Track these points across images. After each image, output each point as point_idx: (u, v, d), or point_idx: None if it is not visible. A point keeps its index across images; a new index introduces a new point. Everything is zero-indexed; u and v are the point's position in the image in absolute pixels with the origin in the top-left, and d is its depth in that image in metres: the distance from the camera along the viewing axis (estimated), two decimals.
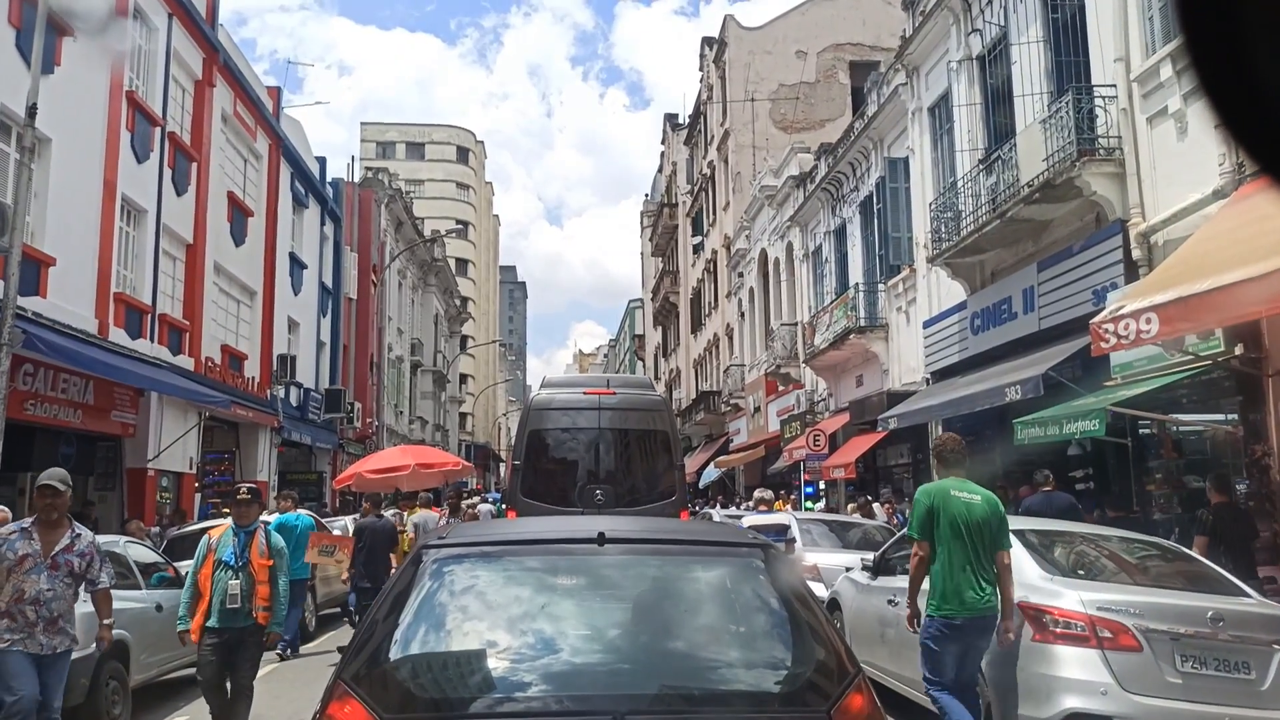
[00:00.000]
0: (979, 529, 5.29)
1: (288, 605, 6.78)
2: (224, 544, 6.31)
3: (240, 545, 6.32)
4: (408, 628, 2.91)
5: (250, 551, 6.29)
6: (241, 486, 6.69)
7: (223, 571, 6.19)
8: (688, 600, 3.16)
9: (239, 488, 6.76)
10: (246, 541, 6.34)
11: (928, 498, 5.50)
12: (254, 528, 6.45)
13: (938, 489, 5.52)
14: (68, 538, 5.56)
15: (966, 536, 5.27)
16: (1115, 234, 11.03)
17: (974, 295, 14.81)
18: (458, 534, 3.54)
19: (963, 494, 5.44)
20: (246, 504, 6.50)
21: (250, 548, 6.31)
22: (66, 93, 13.31)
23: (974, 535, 5.27)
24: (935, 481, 5.72)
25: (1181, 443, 10.42)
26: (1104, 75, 11.29)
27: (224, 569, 6.20)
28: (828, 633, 2.97)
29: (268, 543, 6.42)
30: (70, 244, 13.53)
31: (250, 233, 21.25)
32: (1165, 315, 7.51)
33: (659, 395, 11.05)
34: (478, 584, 3.16)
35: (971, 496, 5.44)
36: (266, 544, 6.40)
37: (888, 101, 18.60)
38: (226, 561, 6.22)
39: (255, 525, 6.48)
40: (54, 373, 13.10)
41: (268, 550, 6.38)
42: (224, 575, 6.17)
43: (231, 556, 6.25)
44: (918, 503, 5.61)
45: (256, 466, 21.36)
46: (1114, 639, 4.83)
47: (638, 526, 3.76)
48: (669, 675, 2.83)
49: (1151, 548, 6.67)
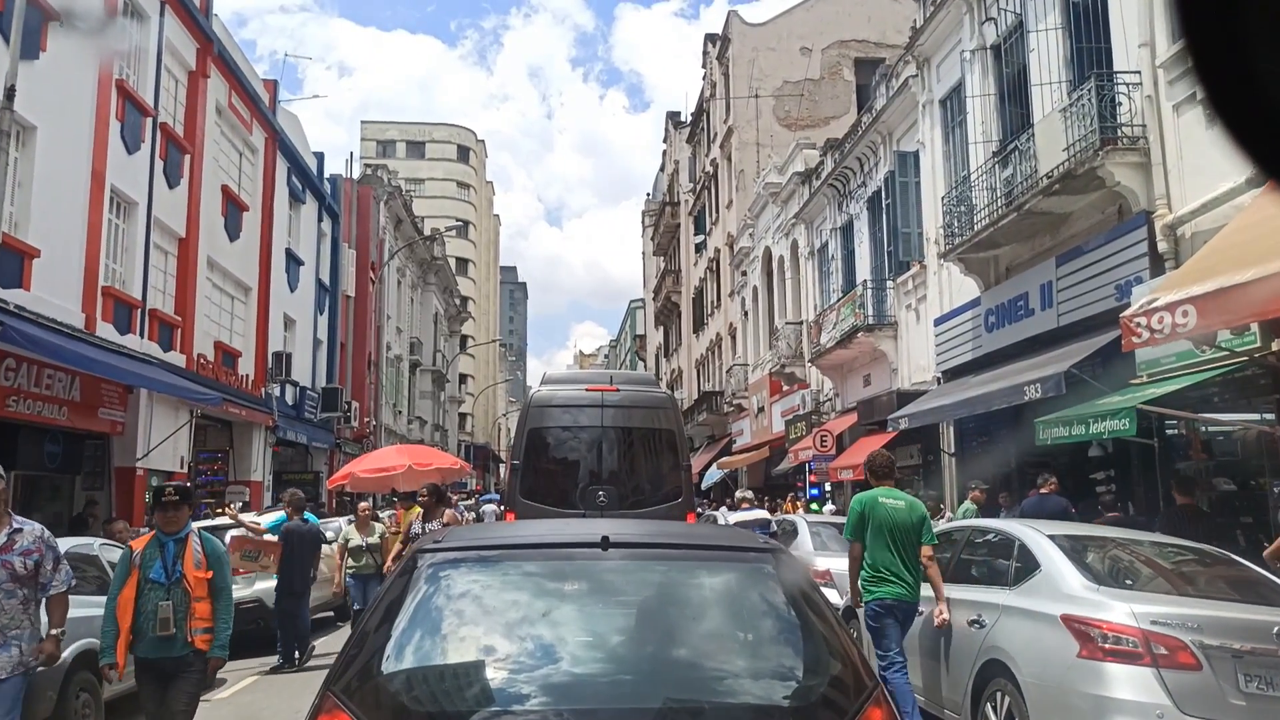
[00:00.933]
0: (903, 530, 6.22)
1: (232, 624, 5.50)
2: (149, 558, 5.21)
3: (170, 557, 5.18)
4: (401, 637, 2.72)
5: (183, 563, 5.18)
6: (168, 486, 5.47)
7: (151, 591, 5.11)
8: (695, 608, 2.95)
9: (165, 487, 5.45)
10: (177, 552, 5.21)
11: (860, 505, 6.43)
12: (184, 534, 5.29)
13: (869, 497, 6.43)
14: (4, 535, 4.79)
15: (891, 536, 6.21)
16: (1140, 226, 10.60)
17: (988, 292, 14.38)
18: (454, 538, 3.33)
19: (889, 500, 6.36)
20: (174, 506, 5.28)
21: (183, 559, 5.19)
22: (52, 80, 12.91)
23: (898, 535, 6.21)
24: (868, 491, 6.57)
25: (1211, 443, 9.98)
26: (1127, 61, 10.86)
27: (152, 588, 5.11)
28: (843, 643, 2.77)
29: (204, 550, 5.29)
30: (56, 235, 13.11)
31: (245, 227, 20.83)
32: (1203, 307, 7.06)
33: (664, 392, 10.62)
34: (475, 591, 2.97)
35: (896, 503, 6.37)
36: (203, 552, 5.28)
37: (897, 94, 18.17)
38: (154, 579, 5.13)
39: (186, 531, 5.30)
40: (38, 368, 12.67)
41: (204, 560, 5.26)
42: (152, 596, 5.09)
43: (160, 572, 5.14)
44: (852, 509, 6.51)
45: (251, 466, 20.95)
46: (1170, 656, 4.40)
47: (643, 530, 3.55)
48: (675, 687, 2.65)
49: (1188, 552, 6.23)
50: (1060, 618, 4.81)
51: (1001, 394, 11.88)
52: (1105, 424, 8.75)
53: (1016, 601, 5.31)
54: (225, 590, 5.32)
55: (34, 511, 14.04)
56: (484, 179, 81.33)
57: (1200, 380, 8.92)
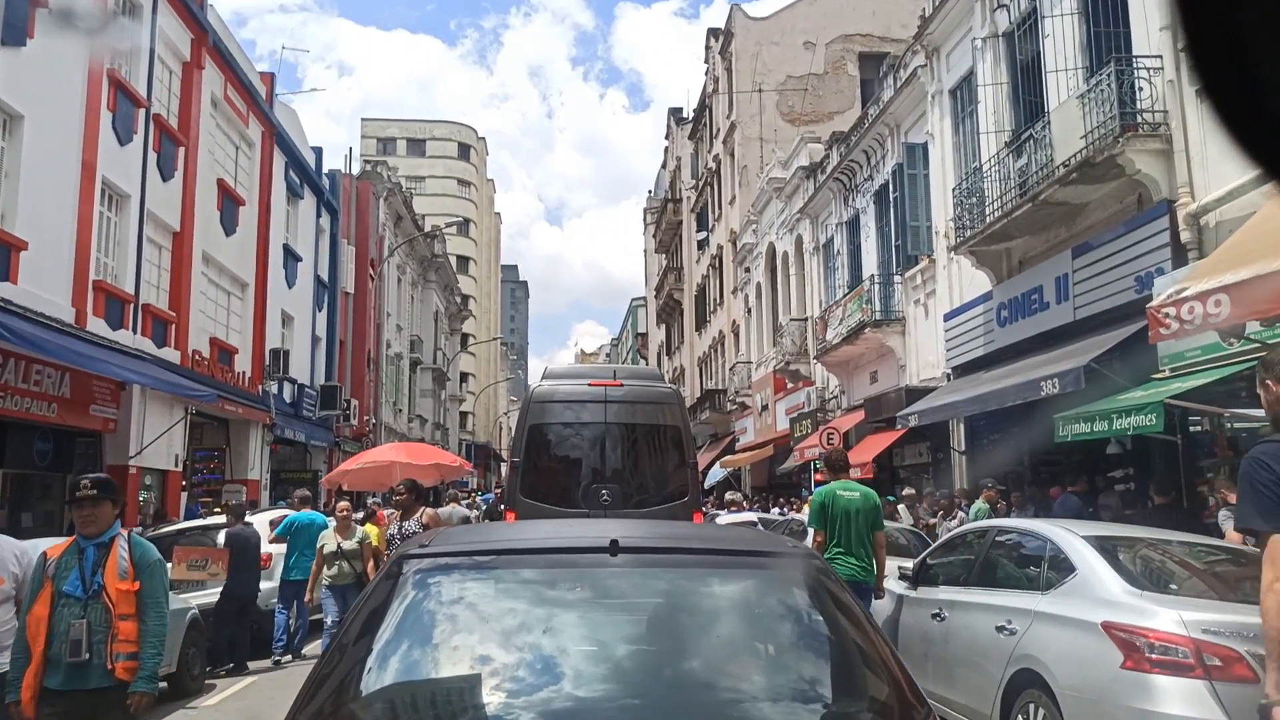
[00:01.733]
0: (858, 517, 6.98)
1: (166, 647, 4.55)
2: (64, 567, 4.19)
3: (89, 566, 4.18)
4: (381, 655, 2.36)
5: (104, 573, 4.18)
6: (84, 478, 4.35)
7: (65, 608, 4.10)
8: (714, 622, 2.59)
9: (80, 479, 4.34)
10: (98, 559, 4.21)
11: (821, 497, 7.19)
12: (108, 538, 4.27)
13: (828, 490, 7.20)
14: None
15: (848, 523, 6.95)
16: (1161, 215, 10.25)
17: (1000, 285, 14.04)
18: (445, 541, 2.91)
19: (846, 493, 7.11)
20: (91, 502, 4.23)
21: (104, 568, 4.19)
22: (40, 68, 12.58)
23: (854, 522, 6.96)
24: (826, 485, 7.35)
25: (1237, 440, 9.62)
26: (1148, 45, 10.51)
27: (66, 604, 4.12)
28: (885, 659, 2.41)
29: (131, 557, 4.27)
30: (45, 227, 12.77)
31: (242, 222, 20.48)
32: (1238, 296, 6.70)
33: (670, 387, 10.25)
34: (467, 602, 2.60)
35: (852, 494, 7.11)
36: (129, 559, 4.26)
37: (905, 85, 17.81)
38: (68, 593, 4.13)
39: (111, 534, 4.29)
40: (26, 363, 12.34)
41: (131, 568, 4.25)
42: (66, 613, 4.10)
43: (76, 584, 4.14)
44: (813, 501, 7.35)
45: (248, 464, 20.62)
46: (1224, 668, 4.06)
47: (655, 533, 3.15)
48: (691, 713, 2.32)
49: (1221, 552, 5.89)
50: (1101, 625, 4.47)
51: (1016, 389, 11.54)
52: (1130, 419, 8.40)
53: (1050, 607, 4.97)
54: (158, 606, 4.29)
55: (24, 511, 13.78)
56: (485, 177, 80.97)
57: (1229, 374, 8.58)
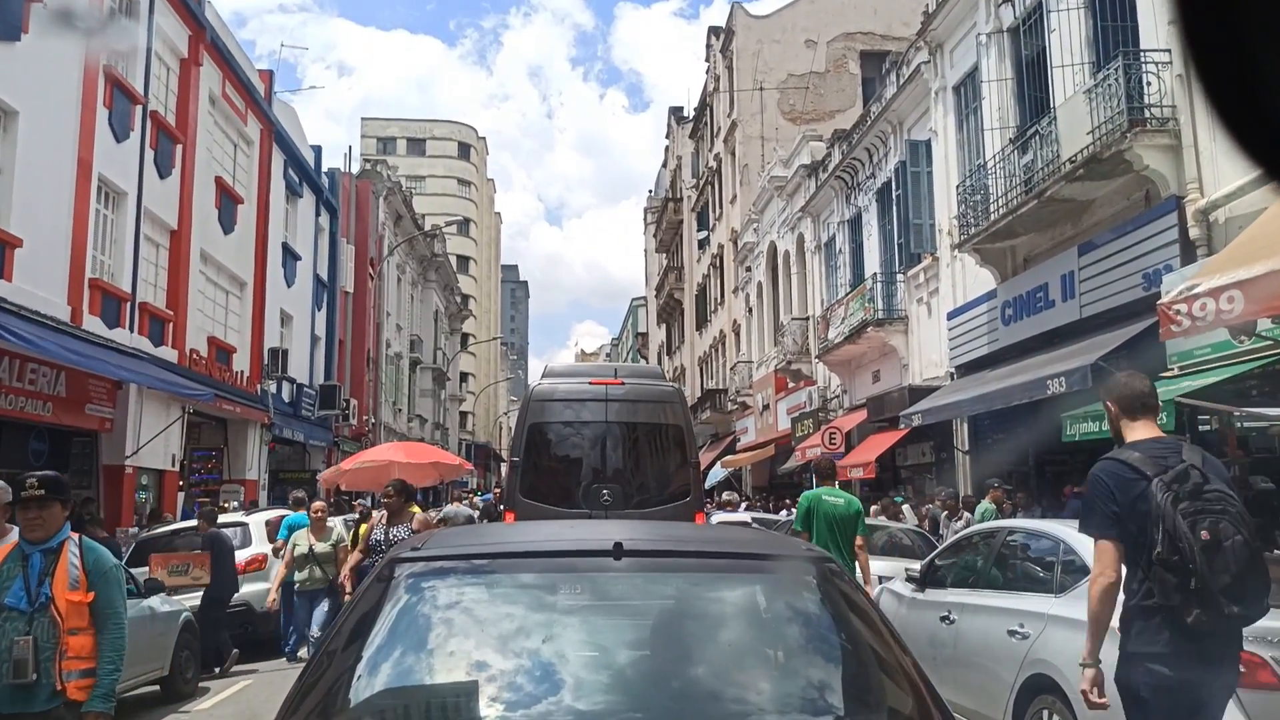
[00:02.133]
0: (841, 522, 7.29)
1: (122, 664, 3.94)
2: (6, 575, 3.78)
3: (35, 575, 3.76)
4: (371, 663, 2.22)
5: (52, 583, 3.75)
6: (30, 476, 3.89)
7: (7, 622, 3.71)
8: (724, 629, 2.45)
9: (26, 478, 3.88)
10: (45, 567, 3.78)
11: (807, 501, 7.53)
12: (57, 543, 3.83)
13: (814, 495, 7.57)
14: None
15: (831, 527, 7.26)
16: (1170, 211, 10.12)
17: (1005, 283, 13.90)
18: (440, 543, 2.74)
19: (831, 498, 7.46)
20: (38, 504, 3.80)
21: (52, 576, 3.77)
22: (35, 63, 12.44)
23: (837, 526, 7.26)
24: (813, 490, 7.83)
25: (1248, 439, 9.49)
26: (1156, 39, 10.36)
27: (8, 618, 3.71)
28: (905, 667, 2.26)
29: (83, 564, 3.83)
30: (39, 224, 12.62)
31: (240, 221, 20.34)
32: (1252, 292, 6.58)
33: (672, 385, 10.11)
34: (463, 607, 2.45)
35: (836, 500, 7.46)
36: (81, 566, 3.81)
37: (908, 82, 17.68)
38: (11, 605, 3.72)
39: (60, 539, 3.85)
40: (20, 362, 12.20)
41: (83, 577, 3.80)
42: (9, 628, 3.70)
43: (20, 596, 3.74)
44: (800, 505, 7.66)
45: (246, 464, 20.48)
46: (1250, 675, 3.91)
47: (661, 535, 3.00)
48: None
49: None
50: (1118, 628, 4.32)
51: (1022, 388, 11.41)
52: None
53: (1065, 610, 4.82)
54: (114, 618, 3.85)
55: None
56: (485, 176, 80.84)
57: (1240, 372, 8.45)
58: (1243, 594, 3.19)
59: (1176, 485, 3.22)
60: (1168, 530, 3.17)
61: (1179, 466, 3.26)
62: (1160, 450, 3.37)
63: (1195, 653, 3.20)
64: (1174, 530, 3.16)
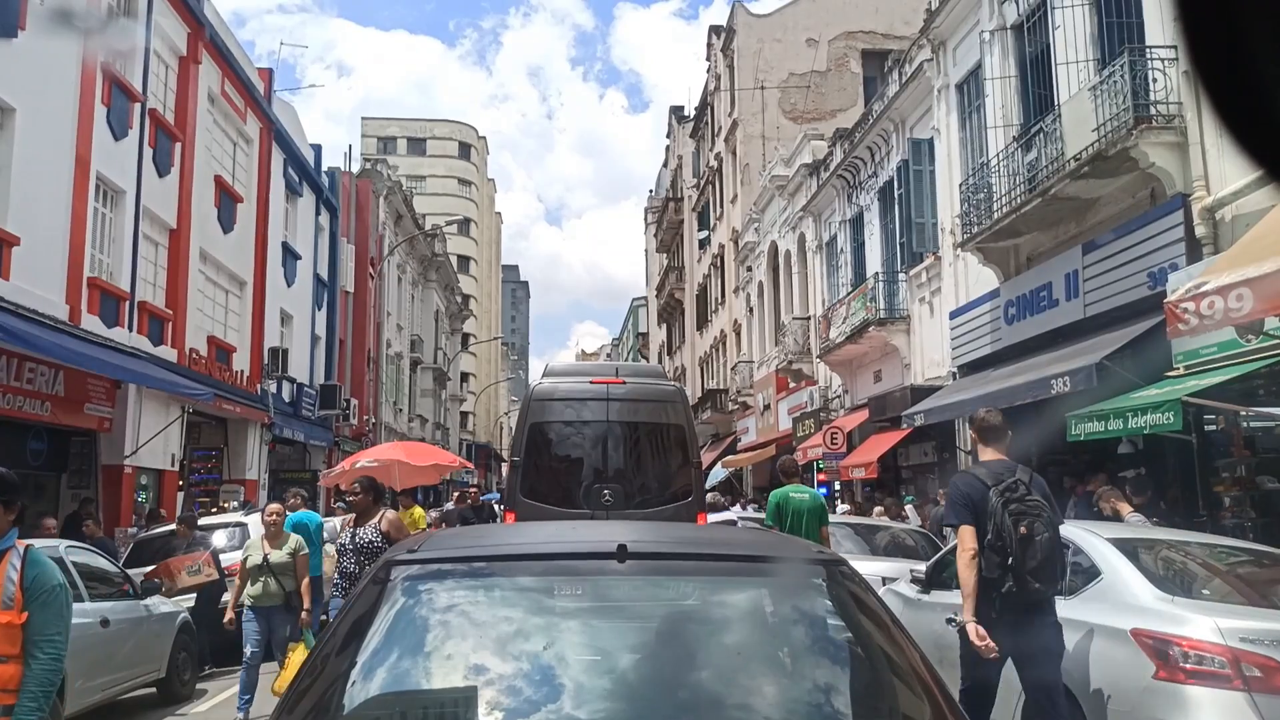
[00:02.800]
0: (807, 515, 8.09)
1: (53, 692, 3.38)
2: None
3: None
4: (365, 669, 2.15)
5: None
6: None
7: None
8: (732, 634, 2.38)
9: None
10: None
11: (776, 499, 8.26)
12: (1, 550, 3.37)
13: (782, 492, 8.32)
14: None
15: (799, 520, 8.00)
16: (1175, 209, 10.04)
17: (1008, 282, 13.82)
18: (436, 545, 2.66)
19: (797, 494, 8.29)
20: None
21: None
22: (32, 60, 12.38)
23: (804, 519, 8.03)
24: (781, 488, 8.45)
25: (1254, 439, 9.41)
26: (1162, 35, 10.27)
27: None
28: (920, 673, 2.18)
29: (22, 580, 3.31)
30: (37, 223, 12.56)
31: (240, 220, 20.28)
32: (1261, 290, 6.49)
33: (673, 385, 10.02)
34: (461, 611, 2.37)
35: (802, 495, 8.31)
36: (19, 583, 3.30)
37: (910, 80, 17.60)
38: None
39: (4, 547, 3.36)
40: (18, 361, 12.14)
41: (20, 593, 3.29)
42: None
43: None
44: (770, 502, 8.36)
45: (246, 464, 20.41)
46: (1264, 679, 3.84)
47: (666, 537, 2.93)
48: None
49: (1243, 554, 5.68)
50: (1130, 633, 4.25)
51: (1026, 388, 11.32)
52: (1147, 418, 8.18)
53: (1074, 613, 4.74)
54: (48, 646, 3.29)
55: None
56: (485, 176, 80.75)
57: (1247, 371, 8.36)
58: (1045, 575, 4.32)
59: (1007, 493, 4.41)
60: (997, 524, 4.38)
61: (1009, 479, 4.47)
62: (1000, 468, 4.61)
63: (1006, 617, 4.33)
64: (1001, 525, 4.37)
